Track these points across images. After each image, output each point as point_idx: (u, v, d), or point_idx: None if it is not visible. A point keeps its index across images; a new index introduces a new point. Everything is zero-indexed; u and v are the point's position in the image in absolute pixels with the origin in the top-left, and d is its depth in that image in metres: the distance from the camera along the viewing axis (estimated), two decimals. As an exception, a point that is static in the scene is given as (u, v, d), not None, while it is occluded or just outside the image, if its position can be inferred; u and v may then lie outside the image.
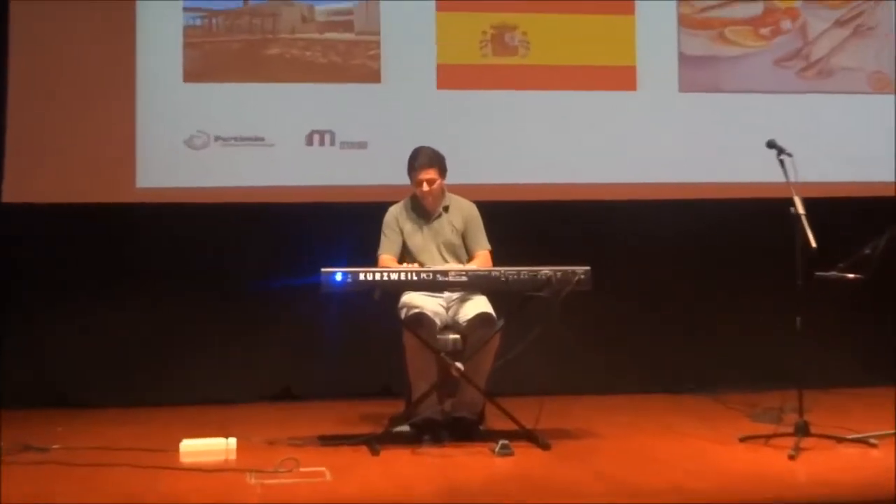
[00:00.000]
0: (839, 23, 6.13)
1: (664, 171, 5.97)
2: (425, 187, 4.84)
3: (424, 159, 4.85)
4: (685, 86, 6.03)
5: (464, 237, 4.93)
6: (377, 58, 5.84)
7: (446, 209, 4.95)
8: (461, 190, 5.08)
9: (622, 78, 5.97)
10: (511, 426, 4.59)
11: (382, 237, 4.92)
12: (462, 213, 4.96)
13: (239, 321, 5.77)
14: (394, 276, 4.47)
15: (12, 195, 5.53)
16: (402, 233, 4.91)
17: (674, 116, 6.02)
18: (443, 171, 4.90)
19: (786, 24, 6.12)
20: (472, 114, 5.89)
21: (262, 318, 5.76)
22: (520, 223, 5.74)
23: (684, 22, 6.04)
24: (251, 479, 3.95)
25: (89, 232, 5.67)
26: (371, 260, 4.86)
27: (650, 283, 6.04)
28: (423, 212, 4.94)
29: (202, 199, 5.67)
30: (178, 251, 5.74)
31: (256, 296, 5.66)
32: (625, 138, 5.97)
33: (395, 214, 4.95)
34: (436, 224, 4.93)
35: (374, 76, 5.84)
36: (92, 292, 5.62)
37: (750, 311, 6.02)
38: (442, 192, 4.95)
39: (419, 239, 4.90)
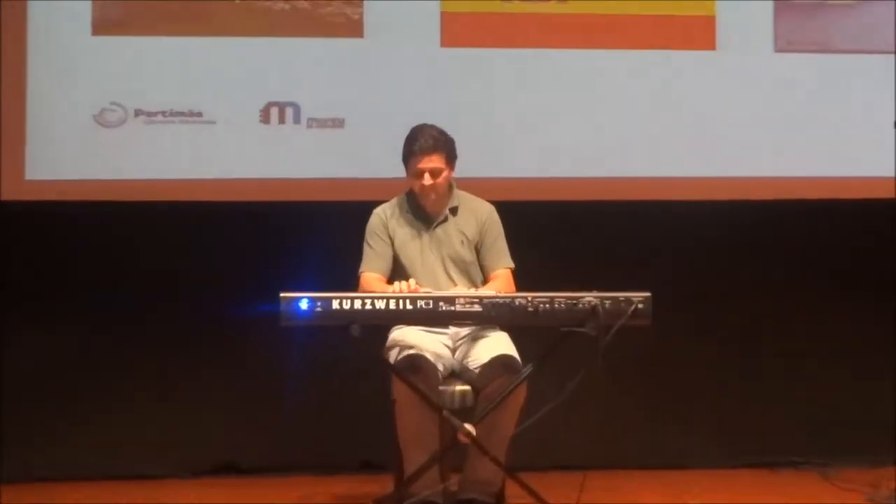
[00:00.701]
0: None
1: (752, 161, 5.96)
2: (427, 180, 4.81)
3: (426, 142, 4.82)
4: (782, 43, 6.01)
5: (478, 250, 4.92)
6: (359, 3, 5.83)
7: (454, 212, 4.93)
8: (473, 186, 5.06)
9: (696, 33, 5.95)
10: (541, 513, 4.56)
11: (365, 248, 4.90)
12: (476, 218, 4.94)
13: (168, 366, 5.76)
14: (380, 304, 4.42)
15: None
16: (392, 243, 4.89)
17: (767, 85, 5.99)
18: (451, 160, 4.88)
19: (922, -42, 6.12)
20: (488, 81, 5.88)
21: (200, 362, 5.75)
22: (555, 232, 5.78)
23: (783, -44, 6.07)
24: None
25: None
26: (349, 281, 4.82)
27: (732, 315, 6.05)
28: (423, 214, 4.92)
29: (116, 195, 5.65)
30: (83, 268, 5.73)
31: (192, 331, 5.68)
32: (699, 116, 5.95)
33: (384, 218, 4.93)
34: (439, 232, 4.91)
35: (354, 29, 5.83)
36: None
37: (870, 355, 6.03)
38: (449, 188, 4.92)
39: (416, 251, 4.88)
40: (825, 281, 6.03)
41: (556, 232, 5.80)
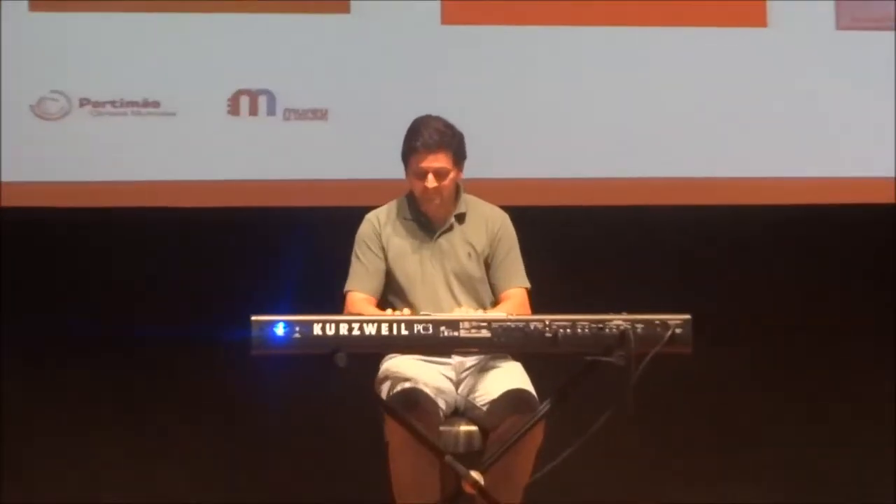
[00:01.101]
0: None
1: (815, 158, 6.01)
2: (430, 182, 4.78)
3: (431, 137, 4.79)
4: (845, 20, 6.04)
5: (487, 265, 4.90)
6: (344, -26, 5.89)
7: (461, 219, 4.91)
8: (481, 188, 5.04)
9: (746, 7, 5.98)
10: (561, 574, 4.56)
11: (353, 263, 4.88)
12: (486, 227, 4.92)
13: (121, 402, 5.77)
14: (370, 329, 4.39)
15: None
16: (386, 256, 4.87)
17: (828, 68, 6.04)
18: (459, 159, 4.84)
19: None
20: (497, 65, 5.91)
21: (158, 394, 5.78)
22: (578, 244, 5.80)
23: (845, -80, 6.10)
24: None
25: None
26: (334, 301, 4.81)
27: (788, 336, 6.08)
28: (424, 222, 4.89)
29: (56, 200, 5.67)
30: (14, 287, 5.71)
31: (148, 358, 5.70)
32: (750, 105, 5.98)
33: (377, 225, 4.91)
34: (443, 243, 4.88)
35: (338, 4, 5.86)
36: None
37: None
38: (456, 191, 4.91)
39: (415, 265, 4.86)
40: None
41: (578, 243, 5.82)
